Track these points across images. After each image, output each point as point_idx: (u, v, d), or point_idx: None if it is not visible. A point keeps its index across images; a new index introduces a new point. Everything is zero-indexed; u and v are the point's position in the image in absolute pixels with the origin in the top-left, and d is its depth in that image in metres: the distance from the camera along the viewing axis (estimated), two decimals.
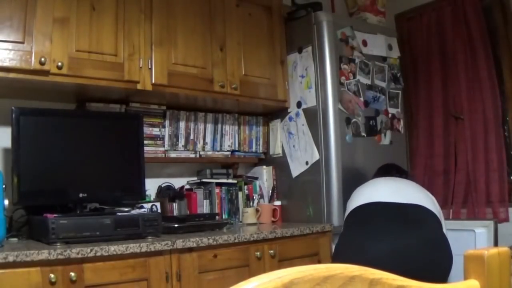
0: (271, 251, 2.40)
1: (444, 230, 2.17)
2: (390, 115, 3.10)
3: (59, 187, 2.20)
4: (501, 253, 0.67)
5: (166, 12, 2.52)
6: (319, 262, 2.56)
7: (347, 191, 2.62)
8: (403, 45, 3.37)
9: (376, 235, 2.04)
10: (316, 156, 2.82)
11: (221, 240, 2.20)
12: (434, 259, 1.97)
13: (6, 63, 2.00)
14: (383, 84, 3.09)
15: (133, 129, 2.45)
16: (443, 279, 1.96)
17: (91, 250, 1.82)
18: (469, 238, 2.76)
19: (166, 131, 2.73)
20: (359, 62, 2.96)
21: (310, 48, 2.88)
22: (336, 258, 2.21)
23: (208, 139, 2.90)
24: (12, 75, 2.04)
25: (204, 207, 2.83)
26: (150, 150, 2.64)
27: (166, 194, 2.73)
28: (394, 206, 2.13)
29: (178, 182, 2.88)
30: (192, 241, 2.11)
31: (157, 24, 2.47)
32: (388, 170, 2.56)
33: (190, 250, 2.12)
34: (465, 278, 0.67)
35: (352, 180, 2.71)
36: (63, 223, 1.92)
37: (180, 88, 2.54)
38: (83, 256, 1.80)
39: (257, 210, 2.90)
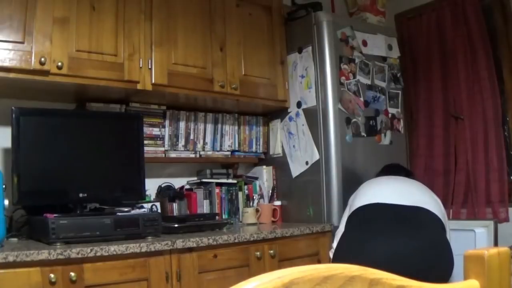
0: (271, 251, 2.40)
1: (448, 234, 2.16)
2: (390, 115, 3.10)
3: (59, 187, 2.20)
4: (501, 253, 0.67)
5: (166, 12, 2.52)
6: (319, 262, 2.56)
7: (347, 191, 2.62)
8: (403, 45, 3.37)
9: (376, 237, 2.03)
10: (316, 156, 2.82)
11: (221, 240, 2.20)
12: (434, 264, 1.95)
13: (6, 63, 2.01)
14: (383, 84, 3.09)
15: (133, 129, 2.45)
16: (443, 283, 1.94)
17: (91, 250, 1.82)
18: (469, 238, 2.76)
19: (166, 131, 2.73)
20: (359, 62, 2.96)
21: (310, 48, 2.88)
22: (336, 259, 2.20)
23: (208, 139, 2.90)
24: (12, 75, 2.04)
25: (204, 207, 2.83)
26: (150, 150, 2.64)
27: (166, 194, 2.73)
28: (397, 208, 2.12)
29: (178, 182, 2.88)
30: (192, 241, 2.11)
31: (157, 24, 2.47)
32: (394, 170, 2.55)
33: (190, 250, 2.12)
34: (465, 278, 0.67)
35: (352, 180, 2.71)
36: (63, 223, 1.92)
37: (180, 88, 2.54)
38: (83, 256, 1.80)
39: (257, 210, 2.90)
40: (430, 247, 1.98)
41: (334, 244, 2.32)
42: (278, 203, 3.01)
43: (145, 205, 2.52)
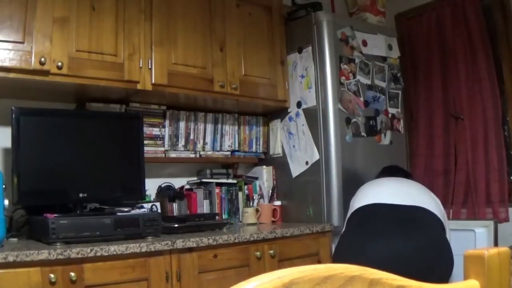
0: (271, 251, 2.40)
1: (447, 234, 2.16)
2: (390, 115, 3.10)
3: (59, 187, 2.20)
4: (501, 253, 0.67)
5: (166, 12, 2.52)
6: (319, 262, 2.56)
7: (347, 191, 2.62)
8: (403, 45, 3.37)
9: (376, 237, 2.03)
10: (316, 156, 2.82)
11: (221, 240, 2.20)
12: (434, 264, 1.96)
13: (6, 63, 2.01)
14: (383, 84, 3.09)
15: (133, 129, 2.45)
16: (442, 283, 1.95)
17: (91, 250, 1.82)
18: (469, 238, 2.76)
19: (166, 131, 2.73)
20: (359, 62, 2.96)
21: (310, 48, 2.88)
22: (336, 259, 2.21)
23: (208, 139, 2.90)
24: (12, 75, 2.04)
25: (204, 207, 2.83)
26: (150, 150, 2.64)
27: (166, 194, 2.73)
28: (396, 208, 2.12)
29: (178, 182, 2.88)
30: (192, 241, 2.11)
31: (157, 24, 2.47)
32: (393, 171, 2.56)
33: (190, 250, 2.12)
34: (465, 278, 0.67)
35: (352, 180, 2.71)
36: (63, 223, 1.92)
37: (180, 88, 2.54)
38: (83, 256, 1.80)
39: (257, 210, 2.90)
40: (429, 247, 1.98)
41: None
42: (278, 203, 3.01)
43: (145, 205, 2.52)
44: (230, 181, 2.98)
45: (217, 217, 2.68)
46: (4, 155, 2.32)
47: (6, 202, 1.94)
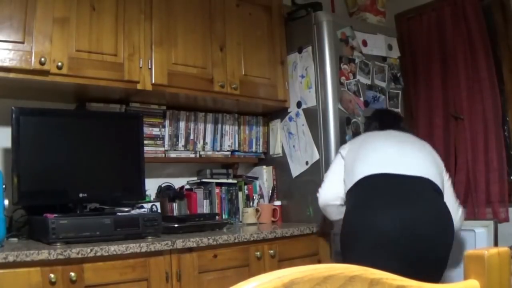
0: (271, 251, 2.40)
1: (448, 188, 2.20)
2: None
3: (59, 187, 2.20)
4: (501, 253, 0.67)
5: (166, 12, 2.52)
6: (319, 262, 2.56)
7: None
8: (403, 45, 3.37)
9: (385, 208, 2.01)
10: (316, 156, 2.82)
11: (221, 240, 2.20)
12: (441, 234, 2.00)
13: (6, 63, 2.01)
14: (383, 84, 3.09)
15: (133, 129, 2.45)
16: (447, 255, 1.98)
17: (91, 250, 1.82)
18: (469, 238, 2.76)
19: (166, 131, 2.73)
20: (359, 62, 2.96)
21: (310, 48, 2.88)
22: (345, 232, 2.13)
23: (208, 139, 2.90)
24: (12, 75, 2.04)
25: (204, 207, 2.84)
26: (150, 150, 2.64)
27: (166, 194, 2.73)
28: (403, 179, 2.10)
29: (178, 182, 2.88)
30: (192, 241, 2.11)
31: (157, 24, 2.47)
32: (388, 122, 2.46)
33: (190, 250, 2.12)
34: (465, 278, 0.67)
35: None
36: (63, 223, 1.92)
37: (180, 88, 2.54)
38: (83, 256, 1.80)
39: (257, 210, 2.90)
40: (436, 217, 2.01)
41: (323, 186, 2.32)
42: (278, 203, 3.01)
43: (145, 205, 2.52)
44: (230, 181, 2.98)
45: (217, 217, 2.68)
46: (4, 155, 2.32)
47: (6, 202, 1.94)
